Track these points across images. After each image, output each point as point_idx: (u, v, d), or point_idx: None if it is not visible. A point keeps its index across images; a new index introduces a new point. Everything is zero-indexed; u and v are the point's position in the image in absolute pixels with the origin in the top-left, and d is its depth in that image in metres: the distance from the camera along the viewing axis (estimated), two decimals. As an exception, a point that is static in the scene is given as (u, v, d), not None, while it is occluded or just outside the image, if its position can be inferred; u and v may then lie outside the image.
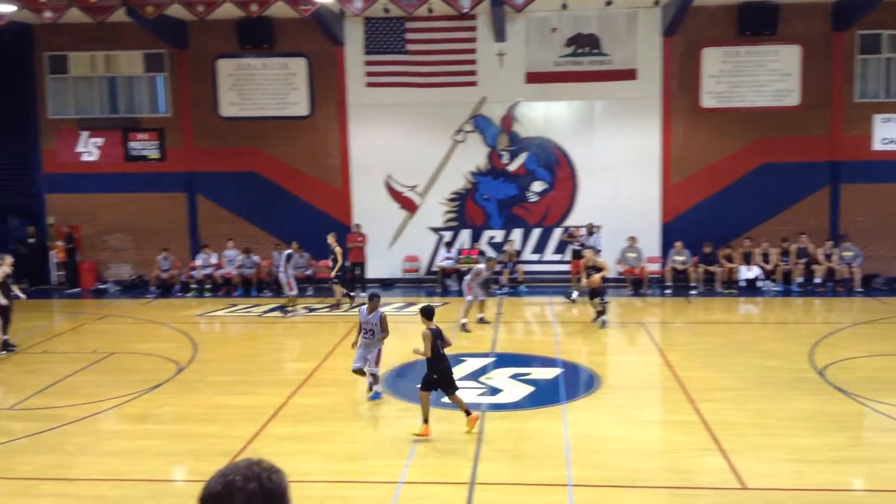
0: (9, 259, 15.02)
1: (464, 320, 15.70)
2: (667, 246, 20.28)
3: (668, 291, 19.66)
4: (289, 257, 17.81)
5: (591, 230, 19.68)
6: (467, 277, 16.07)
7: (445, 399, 11.53)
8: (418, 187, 20.94)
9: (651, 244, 20.35)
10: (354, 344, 11.74)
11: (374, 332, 11.47)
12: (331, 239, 18.00)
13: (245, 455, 1.88)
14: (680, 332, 16.39)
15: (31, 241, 21.10)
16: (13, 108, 21.12)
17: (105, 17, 17.51)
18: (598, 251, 18.79)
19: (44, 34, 20.63)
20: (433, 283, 20.66)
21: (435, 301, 19.04)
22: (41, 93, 21.25)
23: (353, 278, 20.02)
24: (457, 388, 10.26)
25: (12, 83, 21.04)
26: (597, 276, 15.79)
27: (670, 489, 8.63)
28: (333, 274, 17.95)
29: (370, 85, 20.60)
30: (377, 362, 11.56)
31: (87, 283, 21.10)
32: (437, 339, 10.12)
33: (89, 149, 21.34)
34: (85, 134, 21.26)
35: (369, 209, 20.81)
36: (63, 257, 21.15)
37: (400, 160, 20.77)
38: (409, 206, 21.04)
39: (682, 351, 14.23)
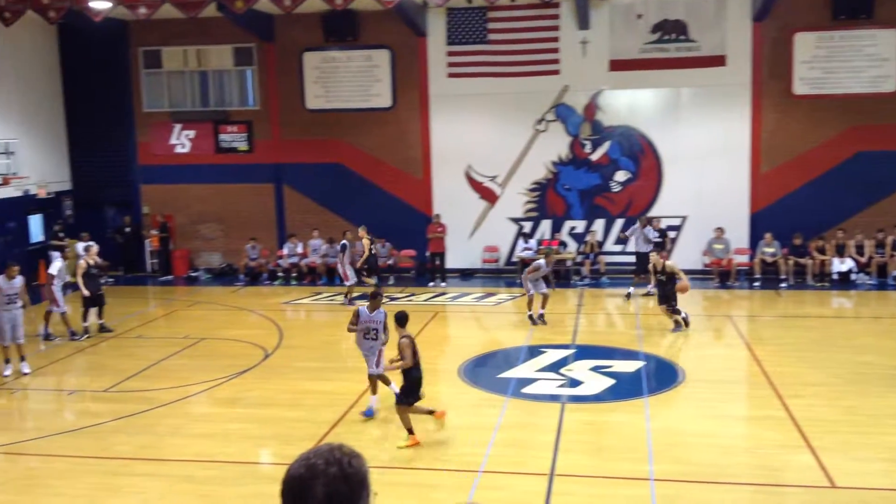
0: (94, 248, 15.72)
1: (534, 312, 15.38)
2: (755, 237, 19.69)
3: (756, 284, 19.11)
4: (343, 247, 18.08)
5: (646, 223, 18.86)
6: (525, 270, 15.77)
7: (525, 390, 11.55)
8: (498, 177, 20.91)
9: (739, 235, 19.81)
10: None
11: (378, 333, 10.62)
12: (361, 232, 18.30)
13: (328, 440, 1.94)
14: (768, 325, 15.92)
15: (128, 230, 21.98)
16: (111, 102, 22.01)
17: (197, 13, 18.06)
18: (648, 244, 18.39)
19: (138, 30, 21.41)
20: (513, 273, 20.60)
21: (514, 292, 19.05)
22: (136, 87, 22.07)
23: (433, 268, 20.16)
24: (419, 399, 9.69)
25: (110, 78, 21.92)
26: (685, 282, 14.67)
27: (756, 486, 8.43)
28: (358, 265, 18.15)
29: (452, 76, 20.64)
30: (378, 363, 10.67)
31: (179, 271, 21.87)
32: (415, 346, 9.65)
33: (182, 141, 22.08)
34: (178, 126, 22.01)
35: (449, 199, 20.89)
36: (157, 246, 21.97)
37: (480, 150, 20.77)
38: (490, 197, 21.03)
39: (771, 345, 13.83)
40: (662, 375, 12.56)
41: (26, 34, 20.30)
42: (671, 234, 19.78)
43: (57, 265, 15.17)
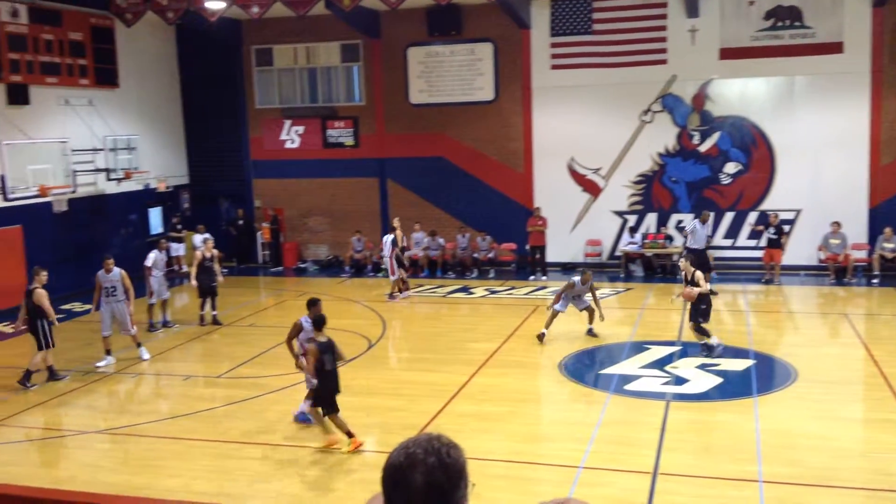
0: (210, 241, 16.31)
1: (547, 329, 13.90)
2: (874, 232, 18.72)
3: (875, 281, 18.17)
4: (394, 242, 18.18)
5: (706, 219, 18.12)
6: (560, 287, 14.51)
7: (628, 387, 11.39)
8: (602, 170, 20.61)
9: (857, 230, 18.87)
10: None
11: None
12: (395, 223, 18.64)
13: (429, 430, 1.99)
14: (888, 324, 15.12)
15: (241, 222, 22.83)
16: (225, 99, 22.89)
17: (306, 11, 18.58)
18: (709, 242, 17.66)
19: (251, 29, 22.17)
20: (616, 268, 20.30)
21: (617, 287, 18.76)
22: (249, 84, 22.87)
23: (533, 262, 20.09)
24: (338, 411, 9.28)
25: (224, 76, 22.79)
26: (694, 290, 12.78)
27: (870, 491, 8.06)
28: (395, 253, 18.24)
29: (555, 67, 20.47)
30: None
31: (288, 262, 22.58)
32: (323, 354, 9.20)
33: (291, 136, 22.76)
34: (288, 122, 22.69)
35: (551, 192, 20.74)
36: (268, 238, 22.74)
37: (583, 142, 20.53)
38: (593, 189, 20.77)
39: (890, 345, 13.14)
40: (773, 375, 12.14)
41: (146, 35, 21.36)
42: (785, 228, 19.04)
43: (152, 256, 15.54)
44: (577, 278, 14.15)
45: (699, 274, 12.95)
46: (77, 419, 11.04)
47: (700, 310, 12.81)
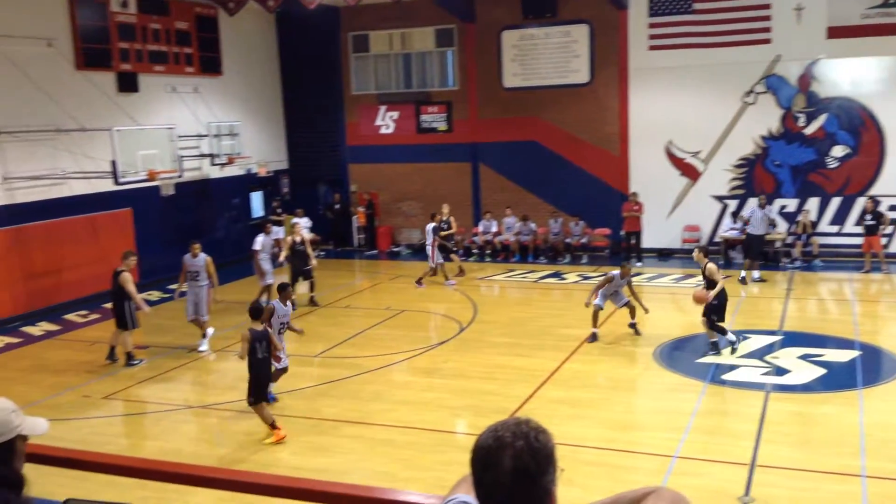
0: (299, 226, 16.57)
1: (597, 328, 13.28)
2: None
3: None
4: (435, 230, 18.11)
5: (764, 203, 17.48)
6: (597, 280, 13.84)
7: (726, 377, 11.13)
8: (701, 153, 20.06)
9: (977, 216, 17.80)
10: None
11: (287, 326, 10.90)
12: (445, 209, 18.63)
13: (521, 415, 2.01)
14: None
15: (337, 207, 23.30)
16: (323, 85, 23.35)
17: (401, -3, 18.72)
18: (772, 226, 16.75)
19: (348, 16, 22.51)
20: (715, 254, 19.72)
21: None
22: (346, 71, 23.25)
23: (628, 247, 19.77)
24: (266, 401, 9.62)
25: (322, 62, 23.24)
26: (706, 293, 12.01)
27: None
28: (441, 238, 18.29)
29: (653, 48, 20.00)
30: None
31: (383, 246, 22.93)
32: (256, 342, 9.37)
33: (386, 122, 23.04)
34: (383, 108, 22.98)
35: (648, 176, 20.33)
36: (363, 222, 23.15)
37: (682, 125, 20.01)
38: (691, 173, 20.24)
39: None
40: (880, 367, 11.63)
41: (248, 24, 21.99)
42: (892, 215, 18.12)
43: (260, 240, 15.86)
44: (615, 272, 13.36)
45: (712, 267, 12.19)
46: (182, 394, 11.55)
47: (713, 305, 12.06)
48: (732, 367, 11.53)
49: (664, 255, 20.20)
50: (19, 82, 15.43)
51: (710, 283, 12.18)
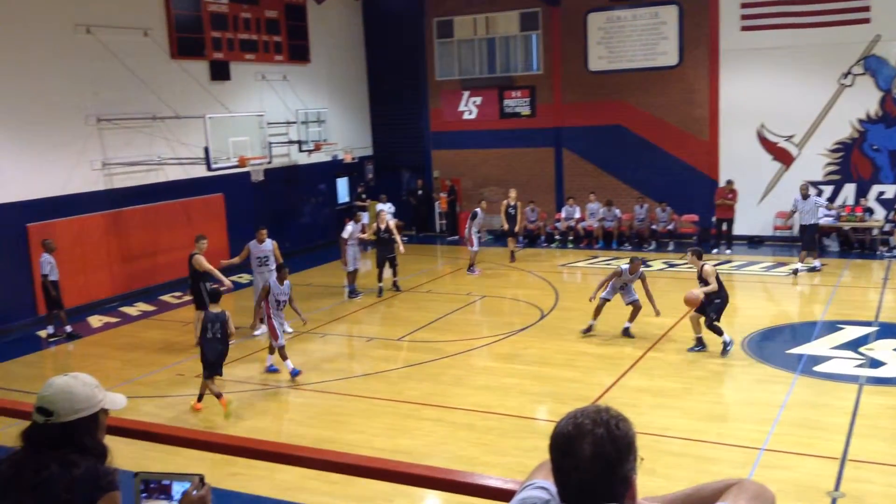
0: (384, 213, 16.67)
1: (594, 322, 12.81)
2: None
3: None
4: (474, 215, 17.90)
5: (806, 193, 16.31)
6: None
7: (817, 368, 10.78)
8: (795, 137, 19.36)
9: None
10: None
11: (286, 303, 11.71)
12: (513, 193, 18.68)
13: (603, 403, 2.01)
14: None
15: (420, 192, 23.48)
16: (407, 72, 23.51)
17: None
18: (821, 213, 16.03)
19: (433, 1, 22.57)
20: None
21: (810, 262, 17.65)
22: (430, 57, 23.34)
23: (718, 234, 19.28)
24: (215, 375, 10.15)
25: (407, 49, 23.39)
26: (698, 293, 11.33)
27: None
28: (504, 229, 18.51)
29: (745, 28, 19.37)
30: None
31: (464, 232, 22.92)
32: (209, 323, 10.09)
33: (469, 107, 23.04)
34: (466, 93, 22.98)
35: (738, 161, 19.74)
36: (445, 208, 23.26)
37: (775, 108, 19.33)
38: (784, 158, 19.57)
39: None
40: None
41: (335, 11, 22.31)
42: None
43: (349, 229, 16.03)
44: (625, 266, 12.63)
45: (708, 269, 11.60)
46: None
47: (714, 304, 11.50)
48: (825, 359, 11.15)
49: (755, 242, 19.62)
50: (118, 72, 16.07)
51: (706, 286, 11.56)
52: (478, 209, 18.41)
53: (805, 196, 16.50)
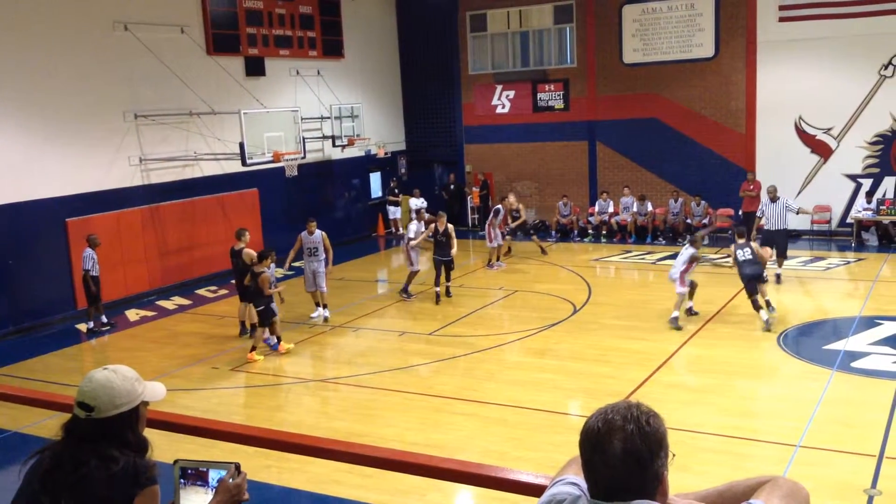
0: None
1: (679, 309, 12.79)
2: None
3: None
4: (496, 212, 17.85)
5: (774, 196, 15.24)
6: (681, 266, 12.83)
7: (855, 364, 10.63)
8: (833, 129, 19.04)
9: None
10: None
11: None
12: (511, 198, 18.54)
13: (636, 399, 2.01)
14: None
15: (452, 187, 23.48)
16: (440, 66, 23.51)
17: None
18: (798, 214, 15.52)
19: (465, -5, 22.57)
20: (846, 235, 18.76)
21: (847, 257, 17.39)
22: (463, 51, 23.31)
23: (749, 228, 19.01)
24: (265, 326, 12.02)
25: (440, 43, 23.40)
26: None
27: None
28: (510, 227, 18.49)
29: (783, 20, 19.07)
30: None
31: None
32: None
33: (502, 101, 22.98)
34: (499, 87, 22.93)
35: (775, 154, 19.46)
36: (478, 202, 23.23)
37: (813, 100, 19.03)
38: (822, 151, 19.25)
39: None
40: None
41: (368, 6, 22.38)
42: None
43: (413, 228, 15.85)
44: (692, 250, 12.81)
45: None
46: (304, 368, 11.99)
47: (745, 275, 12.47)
48: (863, 355, 10.98)
49: (792, 236, 19.28)
50: (155, 68, 16.28)
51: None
52: (499, 206, 18.33)
53: (773, 200, 15.31)
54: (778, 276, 15.24)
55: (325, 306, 14.22)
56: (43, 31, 14.55)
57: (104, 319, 14.36)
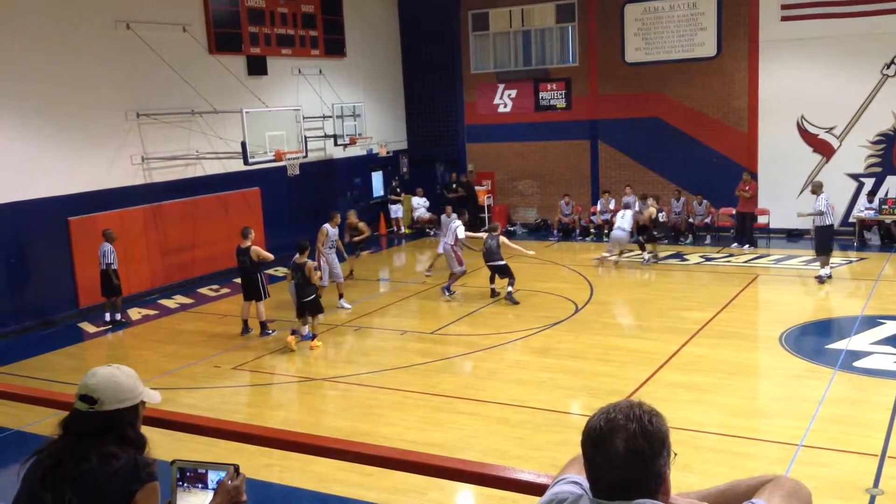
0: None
1: None
2: None
3: None
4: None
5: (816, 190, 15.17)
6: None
7: (857, 364, 10.62)
8: (836, 128, 19.01)
9: None
10: None
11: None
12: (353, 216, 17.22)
13: (638, 398, 2.01)
14: None
15: (455, 185, 23.43)
16: (442, 65, 23.50)
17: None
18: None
19: (467, -6, 22.55)
20: (849, 235, 18.74)
21: (850, 256, 17.37)
22: (465, 49, 23.30)
23: (740, 230, 19.00)
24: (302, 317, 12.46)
25: (442, 42, 23.38)
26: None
27: None
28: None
29: (786, 19, 19.04)
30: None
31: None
32: (293, 272, 12.47)
33: (504, 100, 22.97)
34: (501, 86, 22.92)
35: (777, 153, 19.44)
36: (480, 201, 23.20)
37: (815, 99, 19.00)
38: (824, 150, 19.23)
39: None
40: None
41: (370, 6, 22.38)
42: None
43: (462, 230, 15.70)
44: None
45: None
46: (306, 366, 11.99)
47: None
48: (865, 354, 10.97)
49: (794, 236, 19.32)
50: (157, 67, 16.28)
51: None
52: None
53: (815, 193, 15.48)
54: (820, 277, 15.10)
55: (341, 296, 14.88)
56: (45, 30, 14.55)
57: (118, 317, 14.50)
